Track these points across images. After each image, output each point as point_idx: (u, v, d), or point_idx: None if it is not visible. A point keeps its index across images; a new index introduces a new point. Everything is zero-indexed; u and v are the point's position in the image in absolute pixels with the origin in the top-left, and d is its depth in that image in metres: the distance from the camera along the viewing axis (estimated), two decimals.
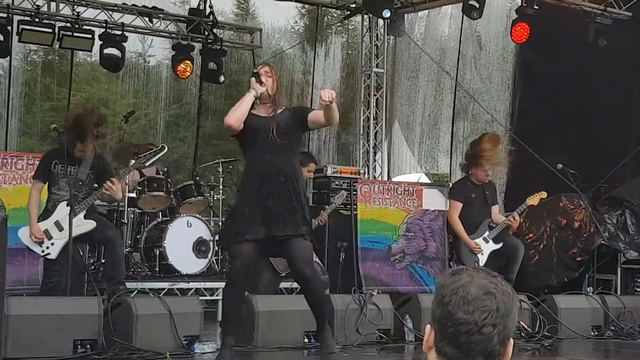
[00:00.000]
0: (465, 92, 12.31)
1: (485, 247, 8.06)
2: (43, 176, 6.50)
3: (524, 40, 10.04)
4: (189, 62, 11.11)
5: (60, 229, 6.34)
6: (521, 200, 8.70)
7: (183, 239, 8.42)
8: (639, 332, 7.68)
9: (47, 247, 6.39)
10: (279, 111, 5.31)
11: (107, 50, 10.32)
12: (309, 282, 5.24)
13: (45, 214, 6.47)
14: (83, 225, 6.41)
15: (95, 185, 6.63)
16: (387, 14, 10.48)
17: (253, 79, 5.28)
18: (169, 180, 8.91)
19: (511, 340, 1.79)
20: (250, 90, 5.26)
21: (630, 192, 9.50)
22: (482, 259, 8.00)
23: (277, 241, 5.11)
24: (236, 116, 5.16)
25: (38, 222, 6.39)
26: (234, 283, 5.28)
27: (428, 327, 1.78)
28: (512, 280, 8.03)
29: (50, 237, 6.39)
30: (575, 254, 9.27)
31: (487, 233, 8.06)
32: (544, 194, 8.21)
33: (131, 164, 6.81)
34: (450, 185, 9.35)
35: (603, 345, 7.38)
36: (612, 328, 7.66)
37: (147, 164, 6.85)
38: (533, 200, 8.12)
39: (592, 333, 7.58)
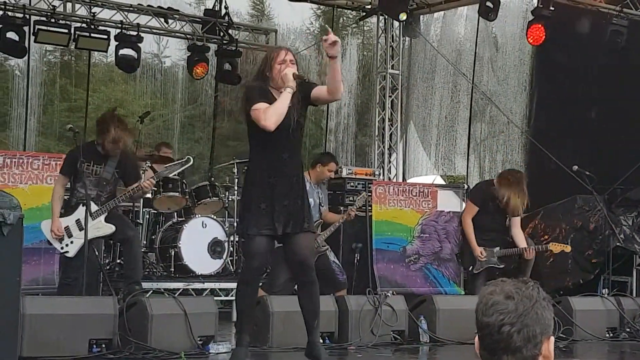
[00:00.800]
0: (482, 94, 12.27)
1: (489, 259, 7.92)
2: (68, 172, 6.57)
3: (541, 42, 9.99)
4: (204, 64, 11.12)
5: (81, 228, 6.37)
6: (538, 202, 8.61)
7: (198, 240, 8.45)
8: None
9: (67, 245, 6.44)
10: None
11: (122, 51, 10.38)
12: (312, 271, 5.25)
13: (68, 210, 6.51)
14: (102, 228, 6.46)
15: (118, 186, 6.70)
16: (403, 17, 10.47)
17: (290, 73, 4.93)
18: (184, 181, 8.94)
19: (551, 338, 1.93)
20: (286, 87, 4.92)
21: None
22: (479, 266, 7.90)
23: (285, 235, 5.13)
24: (277, 119, 4.88)
25: (60, 217, 6.45)
26: (249, 282, 5.25)
27: (476, 337, 1.97)
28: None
29: (70, 235, 6.44)
30: (591, 256, 9.21)
31: (497, 248, 7.93)
32: (568, 248, 8.06)
33: (156, 173, 6.91)
34: (471, 186, 9.25)
35: (618, 347, 7.34)
36: (628, 330, 7.62)
37: (170, 175, 6.94)
38: (555, 247, 7.95)
39: (607, 335, 7.54)
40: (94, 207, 6.44)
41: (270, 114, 4.87)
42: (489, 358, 1.91)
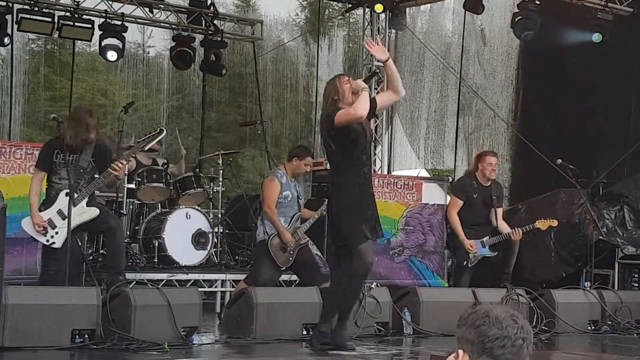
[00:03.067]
0: (469, 87, 12.29)
1: (480, 250, 7.96)
2: (44, 166, 6.44)
3: (530, 37, 10.01)
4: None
5: (64, 217, 6.27)
6: (523, 195, 8.66)
7: (182, 231, 8.42)
8: (635, 327, 7.70)
9: (52, 237, 6.31)
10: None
11: (106, 41, 10.31)
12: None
13: (47, 203, 6.41)
14: (86, 212, 6.36)
15: (96, 174, 6.61)
16: (379, 9, 10.47)
17: (360, 81, 5.58)
18: (168, 171, 8.90)
19: None
20: (362, 90, 5.47)
21: (628, 187, 9.50)
22: (474, 260, 7.94)
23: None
24: (365, 107, 5.40)
25: (40, 211, 6.34)
26: (365, 276, 5.87)
27: (460, 352, 2.08)
28: (509, 273, 8.02)
29: (54, 227, 6.33)
30: (574, 249, 9.26)
31: (486, 238, 7.98)
32: (555, 222, 8.10)
33: (134, 147, 6.77)
34: (453, 180, 9.29)
35: (600, 340, 7.39)
36: (609, 323, 7.68)
37: (146, 147, 6.82)
38: (542, 224, 7.99)
39: (589, 327, 7.59)
40: (73, 195, 6.35)
41: (360, 105, 5.39)
42: None
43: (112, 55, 10.38)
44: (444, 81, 12.93)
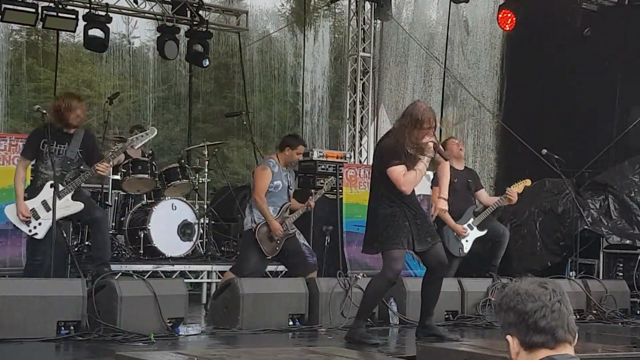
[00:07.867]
0: (453, 78, 12.30)
1: (470, 233, 7.98)
2: (30, 154, 6.39)
3: (512, 27, 10.02)
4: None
5: (48, 208, 6.23)
6: (508, 185, 8.66)
7: (168, 222, 8.40)
8: (620, 316, 7.76)
9: (35, 227, 6.27)
10: None
11: (91, 31, 10.24)
12: (447, 270, 6.16)
13: (32, 192, 6.36)
14: (71, 206, 6.33)
15: (82, 167, 6.57)
16: None
17: (432, 145, 5.62)
18: (154, 162, 8.86)
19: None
20: (426, 155, 5.61)
21: (613, 177, 9.55)
22: (467, 245, 7.93)
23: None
24: (414, 186, 5.64)
25: (25, 199, 6.31)
26: (392, 282, 5.91)
27: (509, 337, 2.10)
28: (497, 265, 8.05)
29: (37, 217, 6.28)
30: (559, 239, 9.31)
31: (471, 220, 8.00)
32: (528, 182, 8.15)
33: (120, 146, 6.70)
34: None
35: (585, 329, 7.41)
36: (594, 312, 7.73)
37: (136, 147, 6.78)
38: (517, 187, 8.03)
39: (575, 317, 7.60)
40: (59, 187, 6.32)
41: (409, 182, 5.60)
42: (549, 339, 2.06)
43: (99, 48, 10.30)
44: (428, 71, 12.94)
